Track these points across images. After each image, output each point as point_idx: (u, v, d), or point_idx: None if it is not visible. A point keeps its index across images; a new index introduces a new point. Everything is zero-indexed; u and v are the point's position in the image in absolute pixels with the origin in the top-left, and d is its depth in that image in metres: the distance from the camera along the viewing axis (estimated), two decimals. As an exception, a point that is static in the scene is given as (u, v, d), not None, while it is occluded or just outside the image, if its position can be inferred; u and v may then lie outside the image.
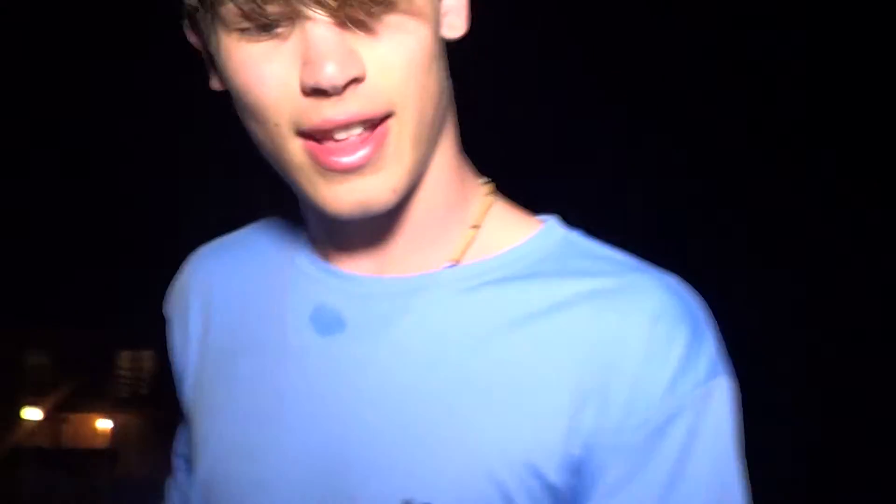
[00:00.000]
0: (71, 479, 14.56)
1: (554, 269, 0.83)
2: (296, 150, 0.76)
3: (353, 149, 0.74)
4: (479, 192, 0.89)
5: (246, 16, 0.71)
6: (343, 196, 0.76)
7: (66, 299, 15.78)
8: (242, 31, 0.73)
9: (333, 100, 0.72)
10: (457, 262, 0.85)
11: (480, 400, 0.79)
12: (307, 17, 0.70)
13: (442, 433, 0.79)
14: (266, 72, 0.73)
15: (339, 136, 0.74)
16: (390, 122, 0.75)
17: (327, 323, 0.86)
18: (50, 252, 14.79)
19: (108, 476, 15.51)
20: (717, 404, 0.78)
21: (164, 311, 1.02)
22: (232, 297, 0.95)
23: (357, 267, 0.87)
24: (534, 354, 0.79)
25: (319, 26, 0.70)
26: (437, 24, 0.78)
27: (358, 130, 0.74)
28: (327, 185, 0.76)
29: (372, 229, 0.84)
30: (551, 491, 0.77)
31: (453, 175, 0.86)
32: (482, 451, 0.77)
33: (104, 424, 18.57)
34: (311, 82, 0.71)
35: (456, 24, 0.82)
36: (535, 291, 0.81)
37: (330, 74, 0.70)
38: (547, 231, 0.87)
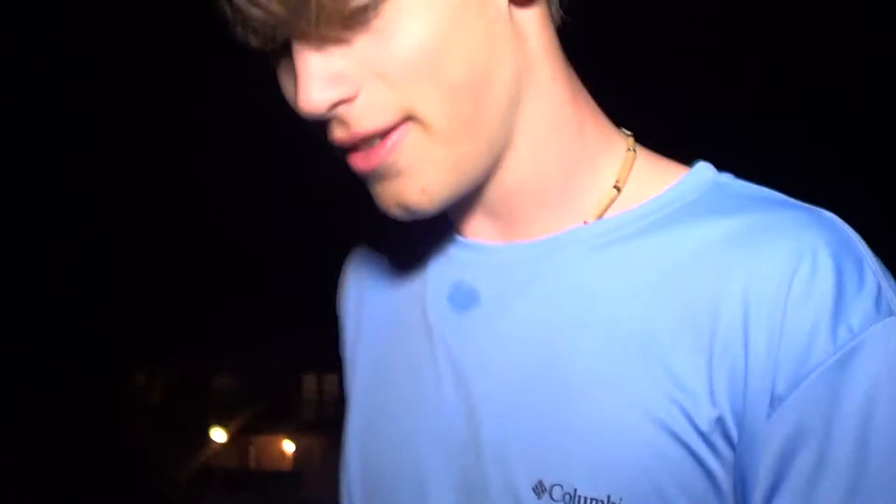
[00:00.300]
0: (256, 499, 14.97)
1: (700, 213, 0.76)
2: (343, 159, 0.76)
3: (371, 156, 0.73)
4: (618, 147, 0.82)
5: (242, 44, 0.72)
6: (383, 198, 0.76)
7: (251, 323, 16.18)
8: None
9: (335, 121, 0.71)
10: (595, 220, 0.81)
11: (619, 368, 0.73)
12: (288, 43, 0.70)
13: (578, 408, 0.74)
14: (287, 90, 0.75)
15: (362, 147, 0.73)
16: (410, 125, 0.72)
17: (463, 298, 0.84)
18: (233, 277, 15.21)
19: (292, 498, 15.84)
20: (891, 349, 0.67)
21: (337, 312, 1.03)
22: (381, 285, 0.95)
23: (489, 235, 0.84)
24: (675, 310, 0.72)
25: (298, 50, 0.69)
26: (470, 1, 0.71)
27: (377, 141, 0.72)
28: (372, 187, 0.76)
29: (484, 200, 0.82)
30: (702, 468, 0.69)
31: (565, 136, 0.80)
32: (618, 428, 0.71)
33: (289, 447, 18.94)
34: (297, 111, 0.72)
35: None
36: (678, 239, 0.75)
37: (308, 103, 0.69)
38: (694, 175, 0.80)
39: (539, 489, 0.73)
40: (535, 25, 0.78)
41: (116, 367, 16.79)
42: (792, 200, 0.77)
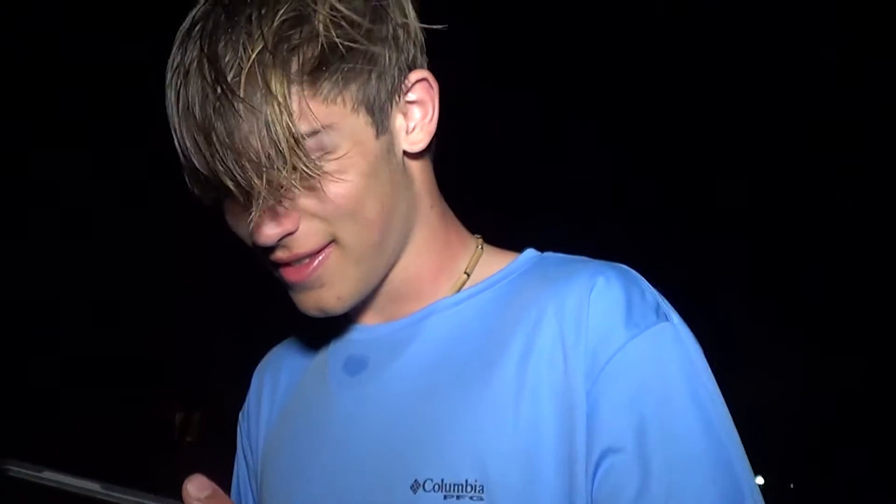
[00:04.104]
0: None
1: (526, 277, 1.04)
2: (274, 270, 1.00)
3: (302, 271, 0.97)
4: (470, 247, 1.11)
5: (195, 197, 0.98)
6: (303, 302, 1.01)
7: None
8: None
9: (279, 246, 0.95)
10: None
11: (475, 391, 0.96)
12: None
13: (440, 424, 0.96)
14: (238, 227, 0.98)
15: (294, 263, 0.97)
16: (332, 248, 0.97)
17: (355, 365, 1.08)
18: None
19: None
20: (666, 342, 0.94)
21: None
22: (294, 370, 1.20)
23: (377, 319, 1.10)
24: (511, 341, 0.97)
25: (255, 202, 0.91)
26: (382, 156, 0.97)
27: (306, 260, 0.97)
28: (295, 293, 1.01)
29: (374, 295, 1.07)
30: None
31: (435, 246, 1.08)
32: (472, 437, 0.94)
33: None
34: (250, 243, 0.97)
35: (417, 139, 1.01)
36: (509, 296, 1.02)
37: (263, 238, 0.94)
38: (523, 256, 1.09)
39: (415, 486, 0.95)
40: (420, 170, 1.05)
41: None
42: (596, 260, 1.02)
